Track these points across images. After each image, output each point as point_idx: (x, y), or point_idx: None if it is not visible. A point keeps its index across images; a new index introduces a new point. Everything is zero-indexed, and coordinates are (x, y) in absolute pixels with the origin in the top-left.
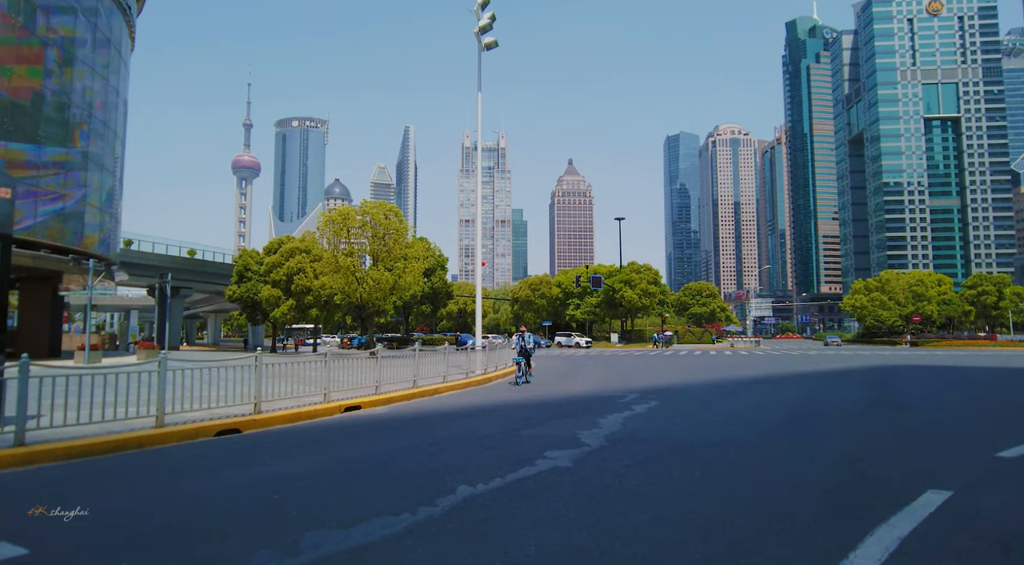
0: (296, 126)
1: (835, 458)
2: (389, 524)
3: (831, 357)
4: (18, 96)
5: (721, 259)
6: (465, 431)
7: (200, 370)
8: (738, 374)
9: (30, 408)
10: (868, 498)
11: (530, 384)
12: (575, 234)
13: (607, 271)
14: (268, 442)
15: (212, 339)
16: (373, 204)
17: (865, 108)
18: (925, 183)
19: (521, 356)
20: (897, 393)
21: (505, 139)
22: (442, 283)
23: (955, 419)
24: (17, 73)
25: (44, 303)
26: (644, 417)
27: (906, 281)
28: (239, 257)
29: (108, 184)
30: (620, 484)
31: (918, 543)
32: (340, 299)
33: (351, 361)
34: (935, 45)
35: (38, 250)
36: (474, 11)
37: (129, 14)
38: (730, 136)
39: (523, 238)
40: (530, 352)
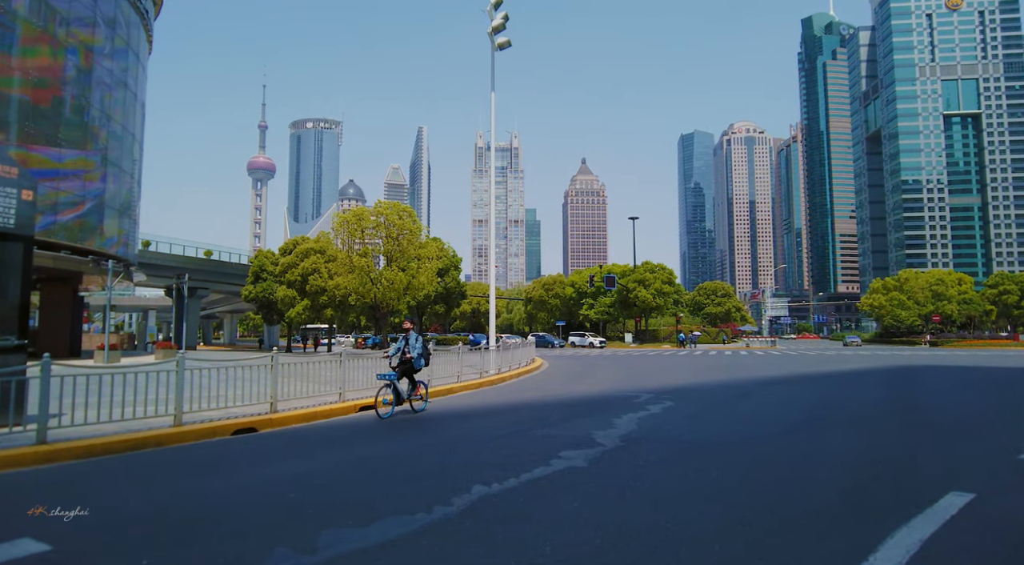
0: (311, 127)
1: (854, 459)
2: (405, 523)
3: (849, 357)
4: (39, 101)
5: (736, 258)
6: (480, 431)
7: (217, 370)
8: (754, 374)
9: (51, 407)
10: (888, 499)
11: (419, 415)
12: (589, 234)
13: (621, 271)
14: (284, 441)
15: (228, 339)
16: (387, 204)
17: (883, 105)
18: (945, 180)
19: (397, 372)
20: (917, 394)
21: (518, 139)
22: (455, 283)
23: (977, 420)
24: (38, 79)
25: (65, 303)
26: (659, 417)
27: (925, 280)
28: (255, 258)
29: (126, 186)
30: (635, 484)
31: (940, 546)
32: (354, 299)
33: (365, 361)
34: (955, 40)
35: (58, 251)
36: (487, 11)
37: (146, 18)
38: (745, 134)
39: (536, 238)
40: (418, 363)
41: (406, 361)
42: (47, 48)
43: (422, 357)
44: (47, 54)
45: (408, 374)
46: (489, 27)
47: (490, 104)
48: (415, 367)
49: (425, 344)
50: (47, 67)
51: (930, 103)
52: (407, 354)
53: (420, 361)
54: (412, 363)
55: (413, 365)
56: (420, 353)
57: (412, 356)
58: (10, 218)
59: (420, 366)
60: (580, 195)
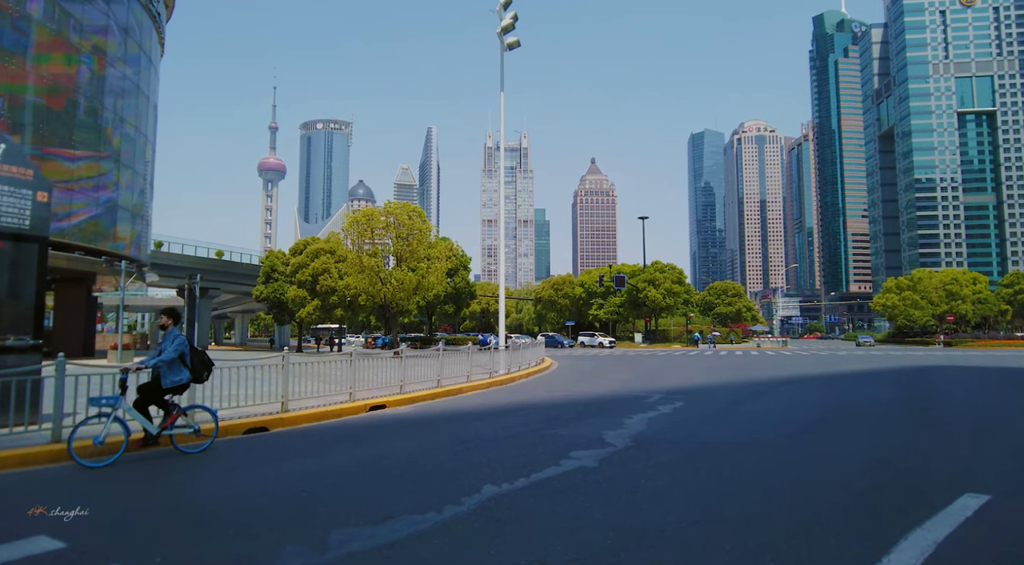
0: (320, 128)
1: (867, 459)
2: (415, 522)
3: (861, 357)
4: (53, 105)
5: (747, 258)
6: (490, 430)
7: (228, 369)
8: (765, 374)
9: (66, 406)
10: (902, 501)
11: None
12: (598, 233)
13: (631, 270)
14: (295, 440)
15: (239, 339)
16: (397, 205)
17: (896, 103)
18: (959, 179)
19: (134, 392)
20: (931, 394)
21: (527, 139)
22: (465, 283)
23: (993, 421)
24: (53, 84)
25: (78, 304)
26: (670, 417)
27: (939, 279)
28: (266, 258)
29: (139, 187)
30: (646, 484)
31: (955, 548)
32: (364, 299)
33: (375, 361)
34: (969, 37)
35: (72, 252)
36: (496, 11)
37: (158, 21)
38: (756, 133)
39: (546, 238)
40: (173, 378)
41: (156, 380)
42: (61, 54)
43: (183, 367)
44: (61, 60)
45: (155, 395)
46: (498, 27)
47: (500, 104)
48: (163, 385)
49: (202, 351)
50: (62, 72)
51: (944, 101)
52: (163, 361)
53: (178, 374)
54: (159, 379)
55: (160, 382)
56: (171, 361)
57: (160, 364)
58: (25, 220)
59: (177, 382)
60: (589, 195)
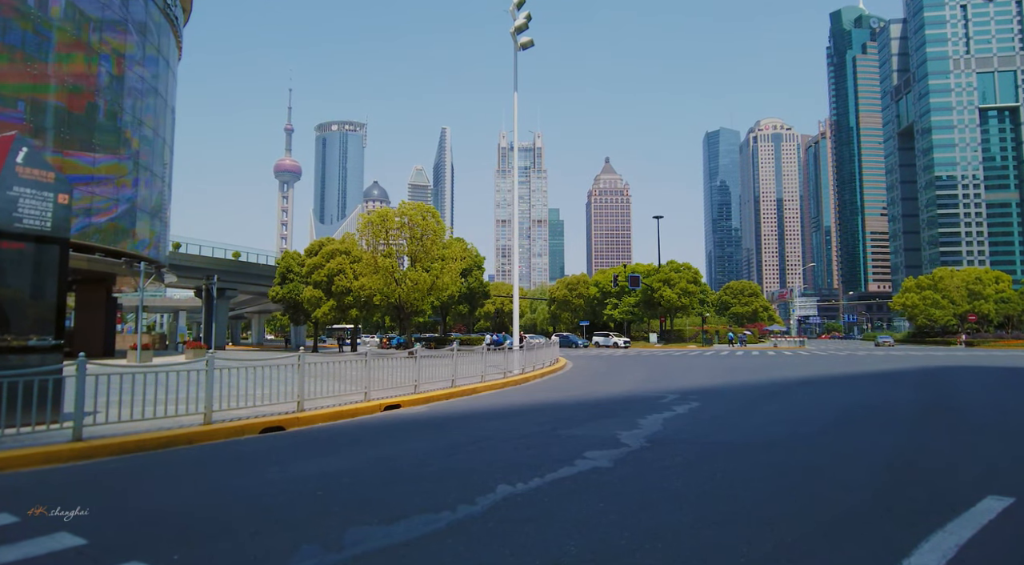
0: (335, 130)
1: (887, 461)
2: (430, 522)
3: (881, 358)
4: (74, 107)
5: (763, 257)
6: (504, 430)
7: (245, 369)
8: (782, 375)
9: (87, 405)
10: (923, 503)
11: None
12: (612, 233)
13: (645, 270)
14: (311, 440)
15: (256, 339)
16: (411, 205)
17: (915, 99)
18: (980, 176)
19: None
20: (952, 395)
21: (541, 139)
22: (479, 283)
23: (1016, 422)
24: (73, 86)
25: (99, 304)
26: (685, 418)
27: (961, 278)
28: (281, 259)
29: (158, 189)
30: (662, 485)
31: (978, 551)
32: (379, 299)
33: (390, 361)
34: (991, 32)
35: (93, 254)
36: (510, 11)
37: (176, 24)
38: (772, 131)
39: (560, 238)
40: None
41: None
42: (81, 55)
43: None
44: (81, 61)
45: None
46: (512, 27)
47: (513, 104)
48: None
49: None
50: (82, 74)
51: (965, 97)
52: None
53: None
54: None
55: None
56: None
57: None
58: (47, 221)
59: None
60: (604, 194)
